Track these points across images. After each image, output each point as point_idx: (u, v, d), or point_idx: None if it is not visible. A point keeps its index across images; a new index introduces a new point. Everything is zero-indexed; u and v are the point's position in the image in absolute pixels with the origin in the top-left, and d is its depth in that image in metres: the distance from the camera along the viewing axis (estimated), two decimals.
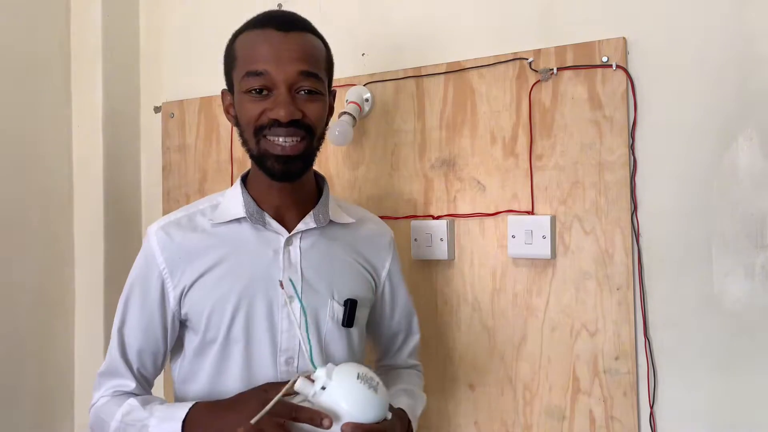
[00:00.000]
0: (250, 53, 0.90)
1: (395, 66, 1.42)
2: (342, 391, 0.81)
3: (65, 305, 1.76)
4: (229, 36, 0.98)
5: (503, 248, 1.30)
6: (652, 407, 1.18)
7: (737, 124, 1.12)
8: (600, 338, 1.21)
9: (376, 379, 0.85)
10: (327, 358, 0.96)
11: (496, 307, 1.30)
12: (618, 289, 1.20)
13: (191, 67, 1.76)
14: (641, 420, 1.18)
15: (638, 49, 1.20)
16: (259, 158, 0.93)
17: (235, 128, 0.98)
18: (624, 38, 1.20)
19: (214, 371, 0.95)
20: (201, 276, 0.94)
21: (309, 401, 0.82)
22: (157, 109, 1.82)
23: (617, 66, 1.19)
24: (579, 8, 1.25)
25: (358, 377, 0.82)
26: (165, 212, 1.77)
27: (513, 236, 1.27)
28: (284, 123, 0.88)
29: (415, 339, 1.18)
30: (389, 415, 0.85)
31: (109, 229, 1.74)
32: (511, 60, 1.30)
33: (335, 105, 1.05)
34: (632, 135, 1.20)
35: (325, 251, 0.98)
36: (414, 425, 1.00)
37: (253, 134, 0.91)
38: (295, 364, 0.95)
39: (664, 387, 1.17)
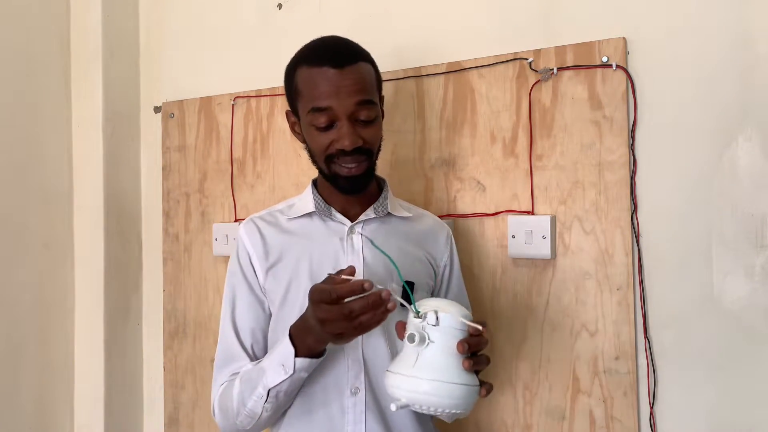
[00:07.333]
0: (312, 91, 1.01)
1: (395, 66, 1.42)
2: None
3: (65, 305, 1.76)
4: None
5: (503, 248, 1.30)
6: (652, 407, 1.18)
7: (737, 124, 1.12)
8: (600, 338, 1.21)
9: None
10: (388, 336, 1.02)
11: (496, 307, 1.30)
12: (618, 289, 1.20)
13: (191, 67, 1.76)
14: (641, 420, 1.18)
15: (638, 49, 1.20)
16: (330, 177, 1.07)
17: (304, 150, 1.10)
18: (624, 38, 1.20)
19: None
20: (278, 260, 1.08)
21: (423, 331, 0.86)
22: (157, 109, 1.82)
23: (617, 66, 1.19)
24: (579, 8, 1.25)
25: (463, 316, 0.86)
26: (165, 212, 1.78)
27: (513, 236, 1.27)
28: (349, 151, 1.01)
29: None
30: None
31: (109, 229, 1.74)
32: (511, 60, 1.30)
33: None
34: (632, 135, 1.20)
35: (384, 238, 1.08)
36: None
37: (324, 161, 1.05)
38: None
39: (664, 387, 1.18)
